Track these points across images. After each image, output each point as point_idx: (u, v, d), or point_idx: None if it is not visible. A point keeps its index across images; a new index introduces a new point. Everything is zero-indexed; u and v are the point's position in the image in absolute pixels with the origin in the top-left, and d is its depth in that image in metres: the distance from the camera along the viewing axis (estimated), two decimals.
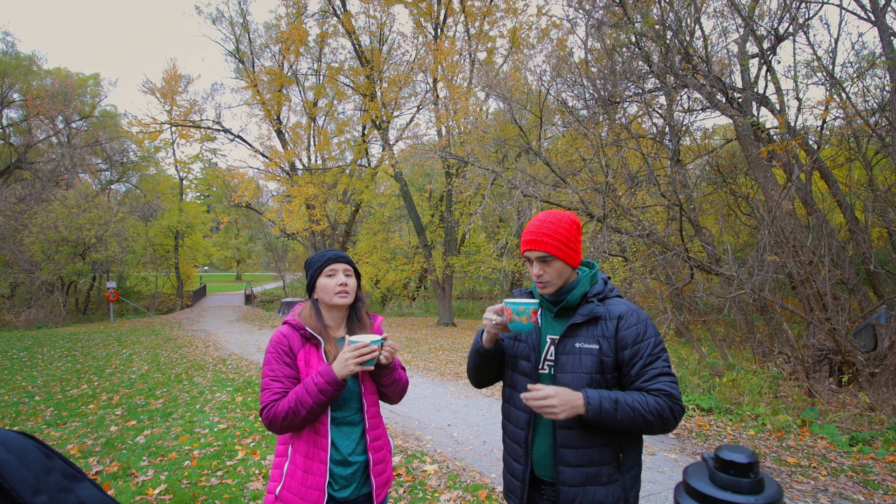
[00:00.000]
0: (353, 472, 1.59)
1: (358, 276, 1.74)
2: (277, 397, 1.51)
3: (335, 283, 1.62)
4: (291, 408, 1.47)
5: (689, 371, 6.31)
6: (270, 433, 4.76)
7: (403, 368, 1.76)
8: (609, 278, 1.60)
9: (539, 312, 1.50)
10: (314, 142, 19.28)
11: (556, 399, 1.32)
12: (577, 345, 1.44)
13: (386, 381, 1.65)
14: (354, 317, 1.72)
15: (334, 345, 1.64)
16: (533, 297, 1.59)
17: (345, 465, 1.58)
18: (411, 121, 19.07)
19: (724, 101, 6.57)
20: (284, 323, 1.66)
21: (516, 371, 1.58)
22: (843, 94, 5.77)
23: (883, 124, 5.69)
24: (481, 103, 15.79)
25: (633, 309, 1.47)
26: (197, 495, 3.41)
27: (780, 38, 6.33)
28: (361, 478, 1.62)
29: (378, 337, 1.53)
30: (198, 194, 36.71)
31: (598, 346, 1.42)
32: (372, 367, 1.51)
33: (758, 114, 7.01)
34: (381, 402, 1.75)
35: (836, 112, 5.96)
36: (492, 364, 1.61)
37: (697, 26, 7.16)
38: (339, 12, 16.07)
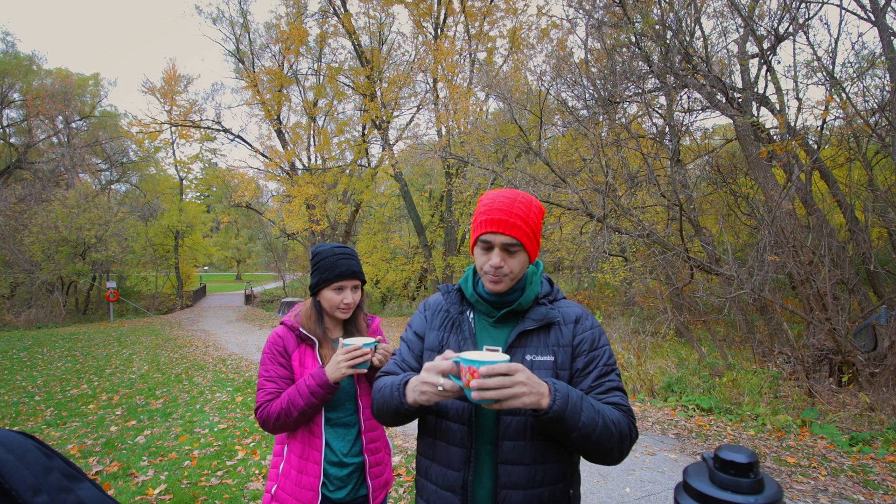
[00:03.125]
0: (348, 474, 1.58)
1: (363, 282, 1.71)
2: (271, 397, 1.52)
3: (340, 300, 1.60)
4: (283, 409, 1.48)
5: (689, 371, 6.30)
6: (270, 434, 4.77)
7: None
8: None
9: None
10: (314, 142, 19.29)
11: (523, 376, 0.97)
12: (528, 357, 1.16)
13: None
14: (352, 320, 1.70)
15: (331, 347, 1.63)
16: (463, 299, 1.29)
17: (340, 466, 1.57)
18: (411, 121, 19.10)
19: (724, 101, 6.57)
20: (281, 323, 1.66)
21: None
22: (843, 94, 5.76)
23: (883, 124, 5.69)
24: (481, 103, 15.82)
25: (586, 311, 1.27)
26: (197, 495, 3.40)
27: (780, 38, 6.33)
28: (358, 479, 1.61)
29: (372, 339, 1.49)
30: (198, 194, 36.69)
31: (552, 358, 1.17)
32: (365, 370, 1.48)
33: (758, 114, 7.01)
34: None
35: (836, 112, 5.95)
36: (416, 414, 1.20)
37: (697, 26, 7.16)
38: (339, 12, 16.08)
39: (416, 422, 1.25)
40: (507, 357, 1.01)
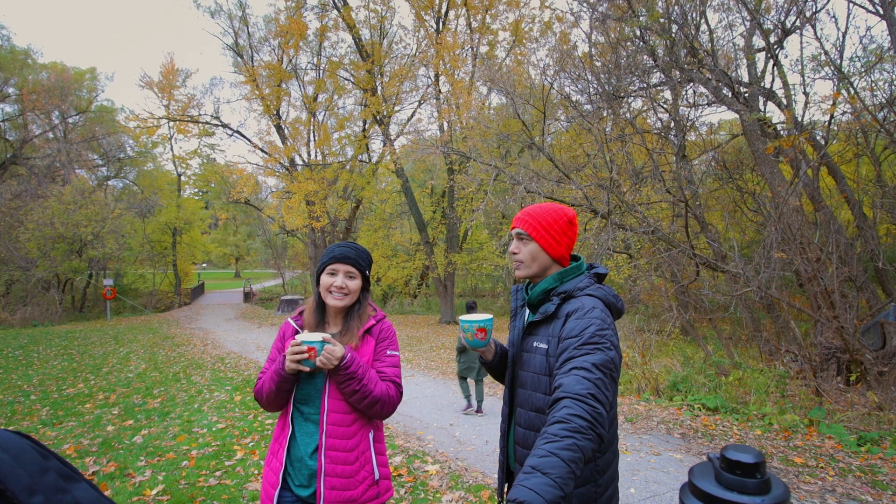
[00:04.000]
0: (311, 475, 1.54)
1: (366, 277, 1.68)
2: (263, 374, 1.65)
3: (331, 283, 1.62)
4: (262, 386, 1.60)
5: (695, 370, 6.26)
6: (269, 432, 4.72)
7: (395, 383, 1.61)
8: (589, 272, 1.45)
9: (488, 329, 1.47)
10: (314, 137, 19.19)
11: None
12: (535, 343, 1.41)
13: (344, 388, 1.52)
14: (349, 315, 1.67)
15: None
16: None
17: (303, 463, 1.55)
18: (413, 115, 19.02)
19: (730, 95, 6.51)
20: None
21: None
22: (851, 89, 5.71)
23: (891, 119, 5.65)
24: (484, 98, 15.74)
25: (589, 305, 1.30)
26: (195, 496, 3.34)
27: (786, 32, 6.27)
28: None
29: (316, 337, 1.46)
30: (196, 190, 36.52)
31: (546, 346, 1.37)
32: (307, 368, 1.48)
33: (764, 109, 6.97)
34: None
35: (843, 107, 5.91)
36: (501, 369, 1.65)
37: (703, 20, 7.09)
38: (338, 5, 15.97)
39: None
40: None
